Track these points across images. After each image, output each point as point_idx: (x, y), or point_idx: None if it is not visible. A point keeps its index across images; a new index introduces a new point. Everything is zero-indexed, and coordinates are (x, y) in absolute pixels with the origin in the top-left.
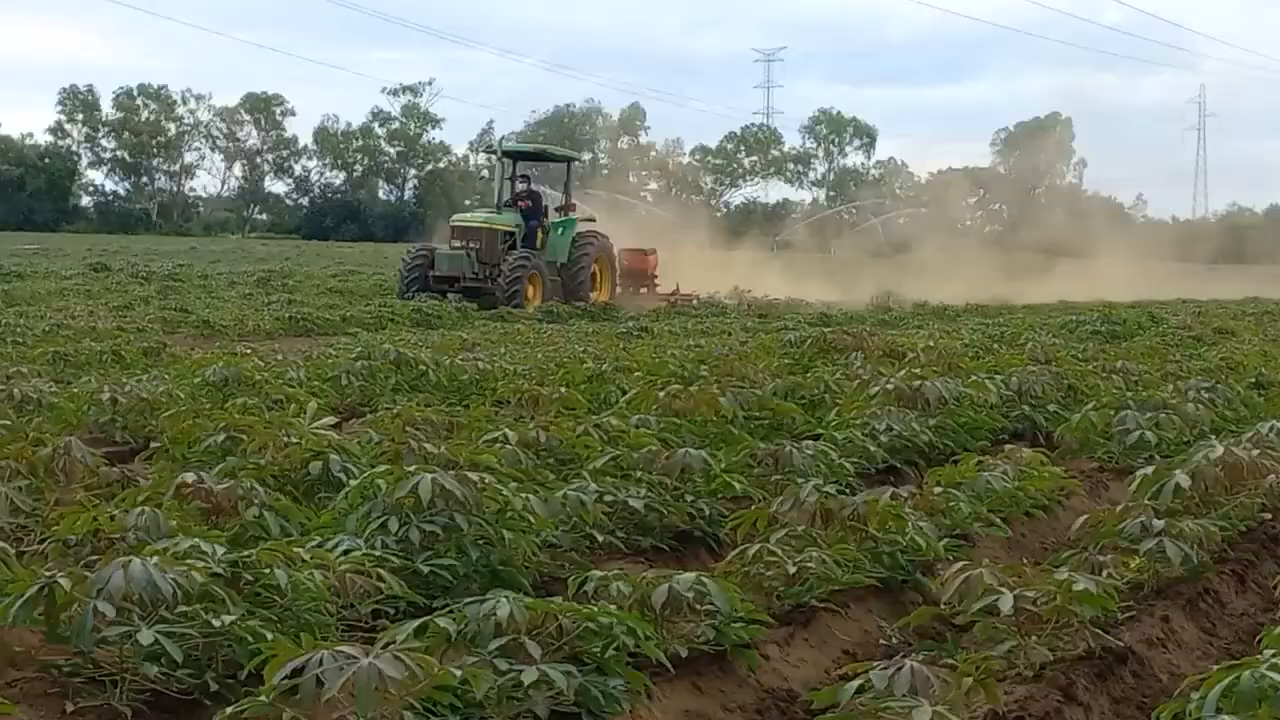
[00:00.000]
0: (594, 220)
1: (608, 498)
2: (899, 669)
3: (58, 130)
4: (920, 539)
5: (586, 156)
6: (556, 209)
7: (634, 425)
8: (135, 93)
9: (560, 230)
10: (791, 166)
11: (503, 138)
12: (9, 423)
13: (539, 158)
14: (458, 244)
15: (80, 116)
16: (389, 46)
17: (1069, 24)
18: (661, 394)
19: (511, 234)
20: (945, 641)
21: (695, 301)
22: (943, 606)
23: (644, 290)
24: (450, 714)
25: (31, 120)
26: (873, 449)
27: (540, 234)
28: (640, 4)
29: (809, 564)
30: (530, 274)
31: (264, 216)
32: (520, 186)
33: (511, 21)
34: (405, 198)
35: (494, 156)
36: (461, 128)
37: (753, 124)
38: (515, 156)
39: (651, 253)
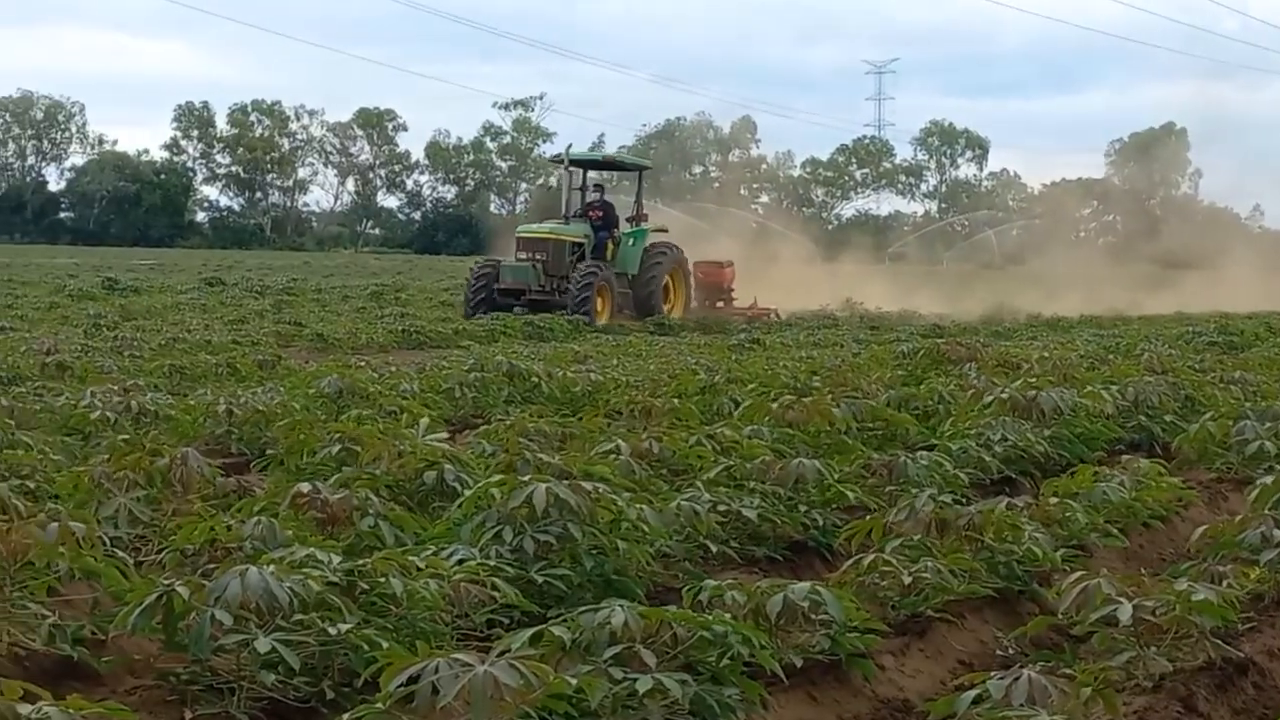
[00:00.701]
0: (666, 231)
1: (721, 508)
2: (1016, 678)
3: (173, 147)
4: (1036, 549)
5: (697, 169)
6: (628, 219)
7: (747, 436)
8: (249, 109)
9: (631, 241)
10: (903, 179)
11: (569, 146)
12: (127, 435)
13: (608, 166)
14: (524, 256)
15: (195, 133)
16: (500, 61)
17: (1184, 33)
18: (774, 405)
19: (580, 245)
20: (1062, 652)
21: (774, 317)
22: (1060, 617)
23: (720, 304)
24: None
25: (148, 137)
26: (987, 459)
27: (611, 246)
28: (751, 17)
29: (924, 574)
30: (600, 286)
31: (376, 231)
32: (592, 196)
33: (623, 35)
34: (517, 211)
35: (562, 166)
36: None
37: (864, 136)
38: (584, 165)
39: (728, 265)
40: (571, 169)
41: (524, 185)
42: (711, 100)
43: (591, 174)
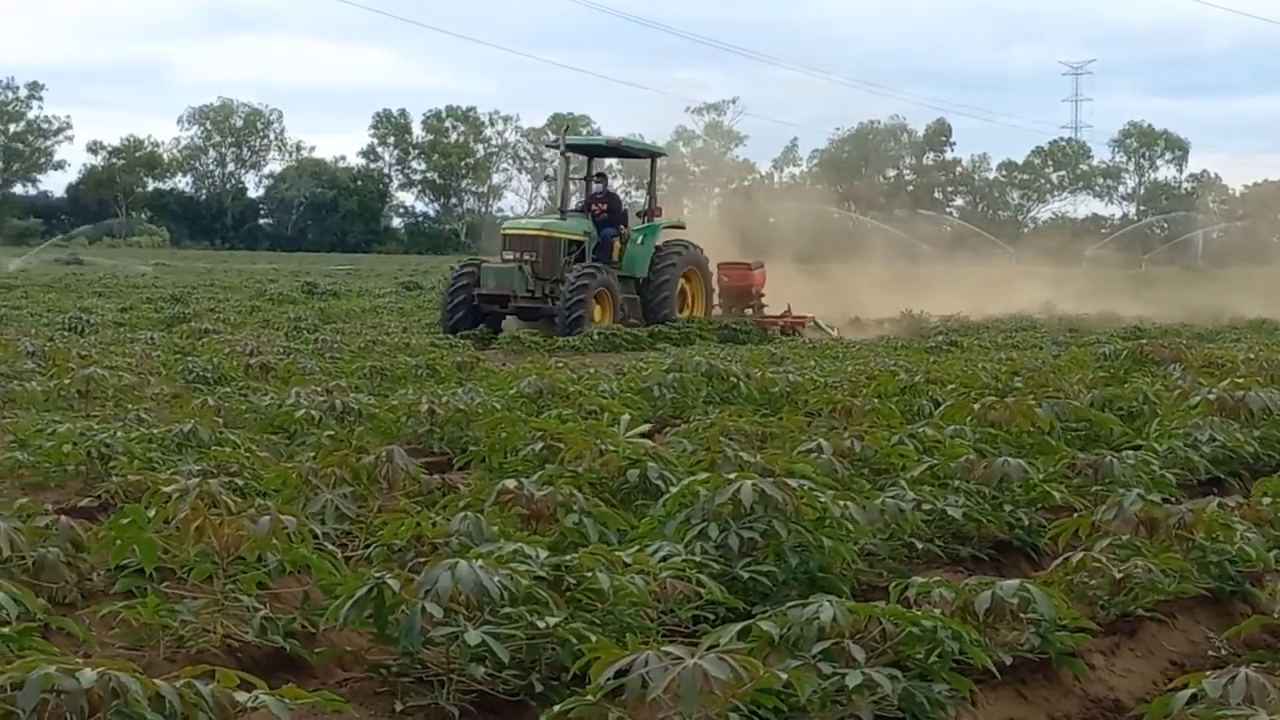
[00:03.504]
0: (683, 227)
1: (925, 506)
2: (1234, 677)
3: (370, 153)
4: (1249, 549)
5: (890, 173)
6: (639, 214)
7: (949, 435)
8: (444, 115)
9: (640, 240)
10: (1100, 181)
11: (565, 128)
12: (332, 433)
13: (615, 152)
14: (510, 255)
15: (392, 139)
16: (693, 65)
17: None
18: (976, 405)
19: (579, 244)
20: (1277, 653)
21: (812, 324)
22: (1274, 617)
23: (748, 311)
24: (774, 717)
25: (345, 144)
26: (1195, 459)
27: (618, 244)
28: (947, 20)
29: (1134, 572)
30: (596, 290)
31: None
32: (596, 187)
33: (817, 38)
34: (709, 216)
35: (558, 152)
36: (765, 145)
37: (1060, 138)
38: (586, 152)
39: (757, 267)
40: (569, 155)
41: (716, 190)
42: (906, 103)
43: (600, 163)
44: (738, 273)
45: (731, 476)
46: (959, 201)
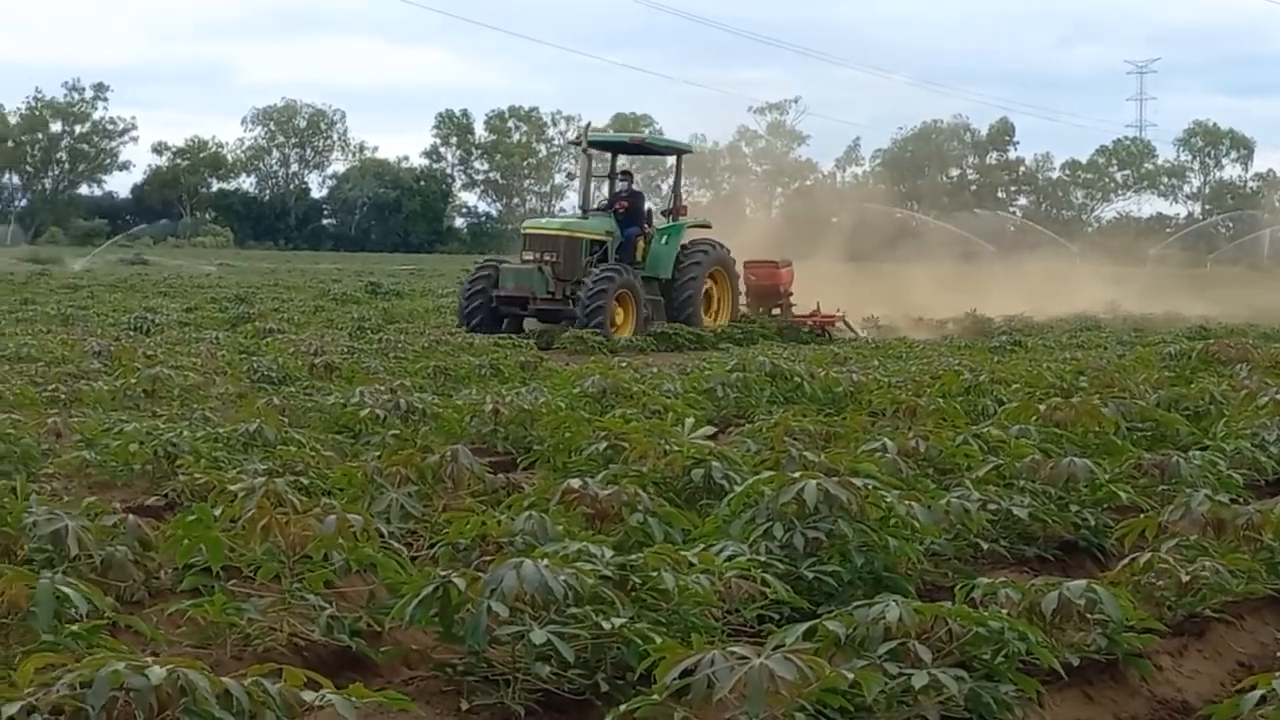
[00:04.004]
0: (708, 226)
1: (991, 506)
2: None
3: (433, 153)
4: None
5: (954, 172)
6: (664, 213)
7: (1014, 435)
8: (506, 115)
9: (664, 239)
10: (1165, 180)
11: (587, 124)
12: (397, 432)
13: (637, 150)
14: (530, 256)
15: (454, 140)
16: (755, 65)
17: None
18: (1041, 405)
19: (601, 244)
20: None
21: (841, 325)
22: None
23: (775, 311)
24: (840, 717)
25: (408, 144)
26: (1263, 460)
27: (641, 244)
28: (1010, 19)
29: (1202, 573)
30: (618, 292)
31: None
32: (620, 186)
33: (880, 37)
34: (771, 215)
35: (580, 149)
36: (828, 145)
37: (1124, 137)
38: (609, 148)
39: (785, 266)
40: (591, 152)
41: (779, 189)
42: (969, 102)
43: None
44: (765, 271)
45: (796, 476)
46: (1022, 201)
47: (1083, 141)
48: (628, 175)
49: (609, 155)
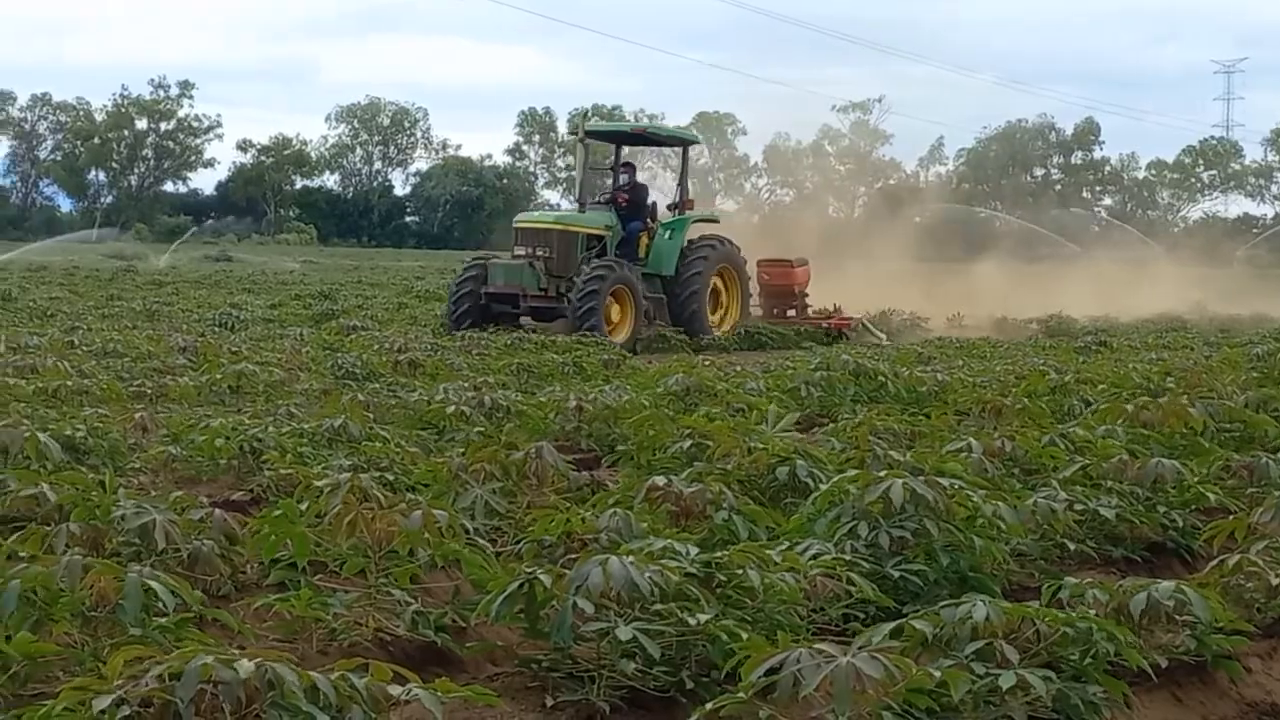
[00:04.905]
0: (716, 221)
1: (1077, 506)
2: None
3: (515, 151)
4: None
5: (1038, 172)
6: (670, 207)
7: (1100, 436)
8: (590, 113)
9: (668, 235)
10: (1252, 180)
11: (584, 113)
12: (482, 428)
13: (640, 140)
14: (521, 251)
15: (537, 137)
16: (839, 63)
17: None
18: (1129, 406)
19: (599, 239)
20: None
21: (859, 327)
22: None
23: (790, 312)
24: (926, 716)
25: (491, 142)
26: None
27: (645, 240)
28: (1096, 19)
29: None
30: (613, 287)
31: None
32: (622, 178)
33: (965, 37)
34: (854, 215)
35: (577, 140)
36: (911, 144)
37: (1211, 137)
38: (610, 139)
39: (800, 264)
40: (588, 142)
41: (861, 189)
42: (1053, 102)
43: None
44: (779, 271)
45: (882, 475)
46: (1107, 201)
47: (1168, 141)
48: (629, 167)
49: (612, 147)
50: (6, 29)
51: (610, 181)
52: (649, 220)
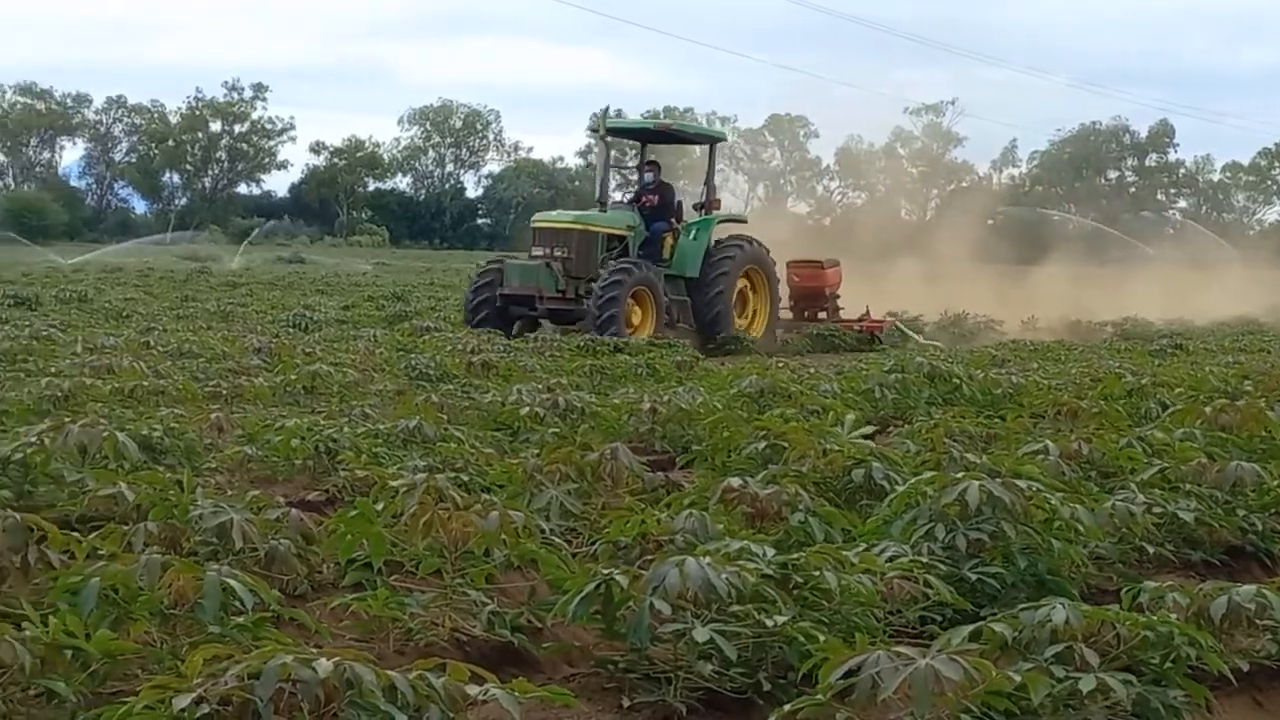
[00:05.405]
0: (743, 221)
1: (1156, 510)
2: None
3: (587, 153)
4: None
5: (1112, 174)
6: (696, 206)
7: (1178, 439)
8: (661, 115)
9: (692, 235)
10: None
11: (605, 109)
12: (557, 429)
13: (663, 137)
14: (539, 252)
15: (609, 140)
16: (910, 66)
17: None
18: (1206, 409)
19: (621, 239)
20: None
21: (889, 330)
22: None
23: (821, 315)
24: (1005, 719)
25: (563, 144)
26: None
27: (669, 241)
28: (1171, 20)
29: None
30: (633, 289)
31: (783, 237)
32: (647, 177)
33: (1038, 38)
34: (926, 218)
35: (599, 137)
36: (984, 147)
37: None
38: (633, 136)
39: (831, 266)
40: (610, 140)
41: (934, 191)
42: (1128, 104)
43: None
44: (809, 272)
45: (958, 477)
46: (1182, 203)
47: (1244, 144)
48: (655, 166)
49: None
50: (83, 32)
51: (636, 178)
52: (674, 221)
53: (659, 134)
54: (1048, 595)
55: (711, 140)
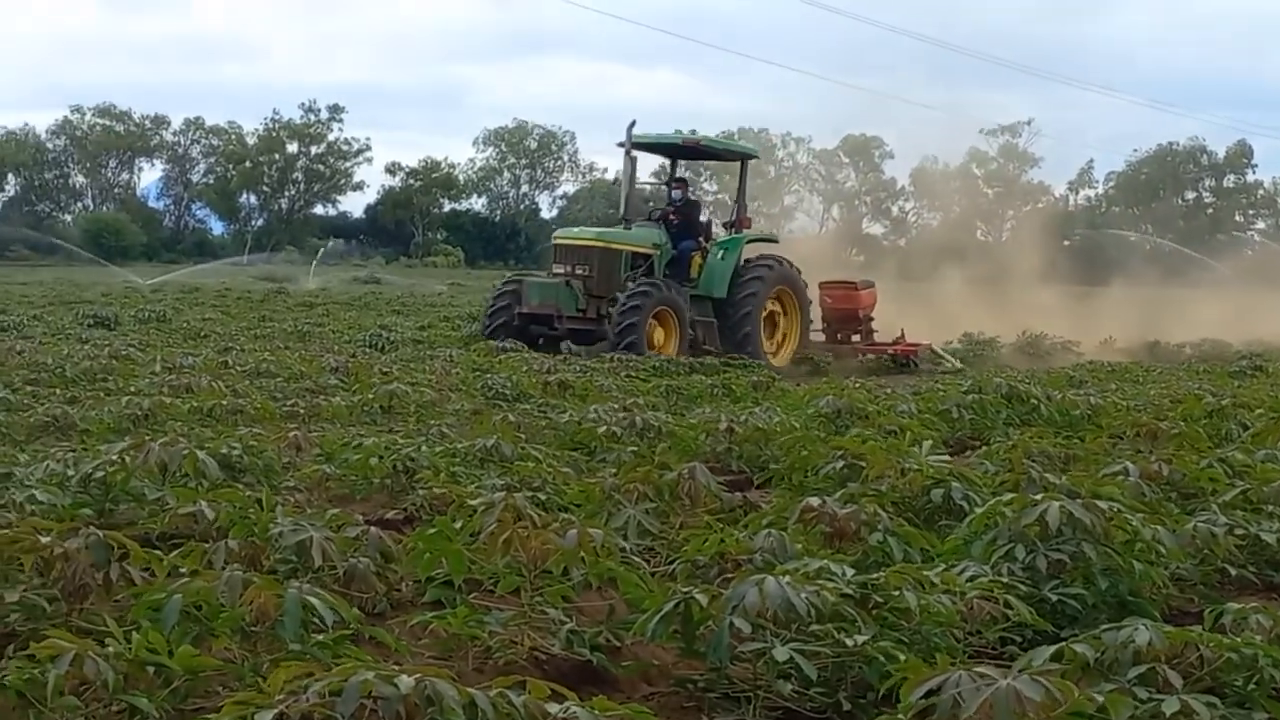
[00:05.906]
0: (775, 240)
1: (1238, 531)
2: None
3: (661, 173)
4: None
5: (1189, 195)
6: (726, 225)
7: (1260, 459)
8: (735, 136)
9: (720, 254)
10: None
11: (631, 123)
12: (635, 448)
13: (692, 153)
14: (560, 269)
15: (682, 161)
16: (986, 86)
17: None
18: None
19: (645, 257)
20: None
21: (929, 352)
22: None
23: (855, 338)
24: None
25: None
26: None
27: (697, 260)
28: (1248, 39)
29: None
30: (655, 309)
31: (860, 258)
32: (674, 194)
33: (1115, 59)
34: (1002, 239)
35: (624, 152)
36: (1060, 168)
37: None
38: (659, 151)
39: (866, 287)
40: (635, 154)
41: (1010, 212)
42: (1205, 124)
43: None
44: (842, 294)
45: (1038, 498)
46: (1260, 225)
47: None
48: (682, 182)
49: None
50: (162, 54)
51: (665, 194)
52: (702, 239)
53: (687, 149)
54: (1129, 616)
55: (742, 156)
